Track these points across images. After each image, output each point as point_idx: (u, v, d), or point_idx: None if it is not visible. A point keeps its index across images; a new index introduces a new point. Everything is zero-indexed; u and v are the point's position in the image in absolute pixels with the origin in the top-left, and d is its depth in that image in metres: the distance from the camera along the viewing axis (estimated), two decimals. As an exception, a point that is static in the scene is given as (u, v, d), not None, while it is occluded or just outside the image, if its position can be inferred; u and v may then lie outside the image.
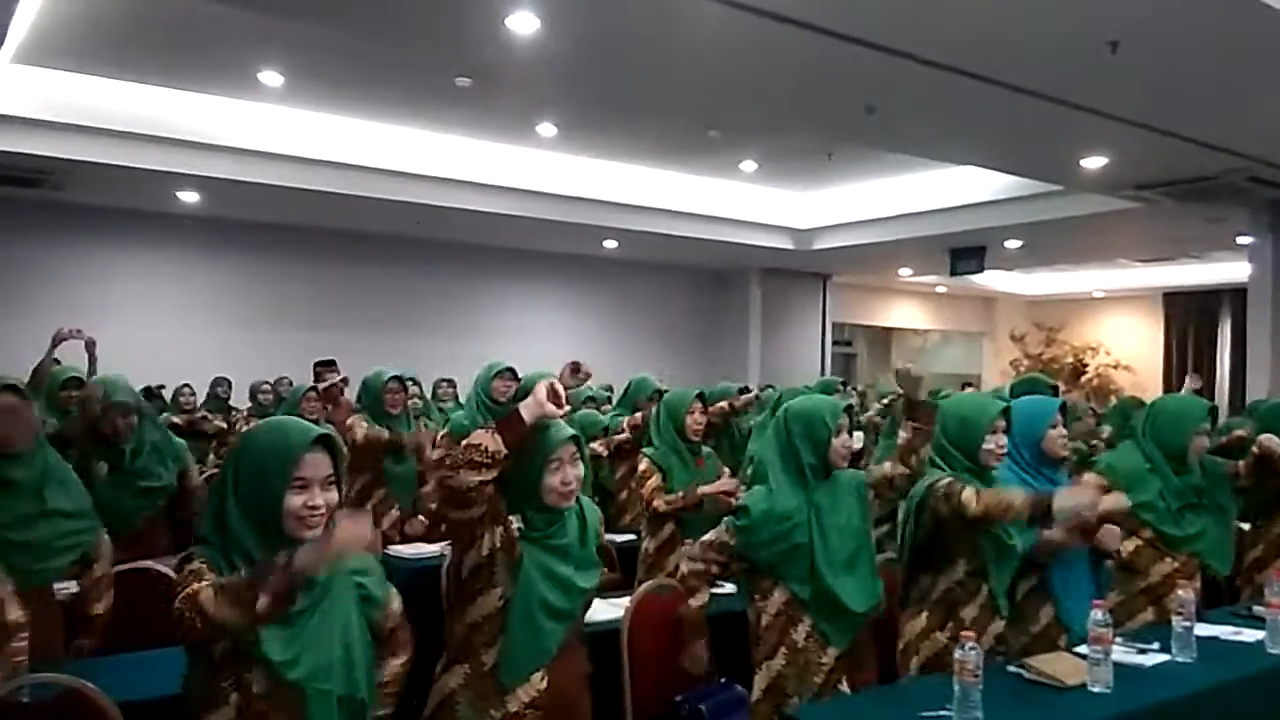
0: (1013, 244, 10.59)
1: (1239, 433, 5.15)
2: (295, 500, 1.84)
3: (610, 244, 11.36)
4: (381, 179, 8.47)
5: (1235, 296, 12.63)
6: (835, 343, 15.96)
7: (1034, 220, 9.27)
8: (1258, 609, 3.31)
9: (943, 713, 2.29)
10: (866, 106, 5.55)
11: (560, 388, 2.18)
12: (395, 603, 2.11)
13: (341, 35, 5.67)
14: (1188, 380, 7.59)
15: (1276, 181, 7.14)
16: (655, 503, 4.01)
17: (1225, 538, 3.45)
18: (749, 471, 3.80)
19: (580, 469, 2.29)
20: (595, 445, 5.03)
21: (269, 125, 7.91)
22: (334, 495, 1.90)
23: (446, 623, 2.30)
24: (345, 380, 5.70)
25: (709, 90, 5.94)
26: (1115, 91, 5.42)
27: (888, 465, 3.03)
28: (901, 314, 16.58)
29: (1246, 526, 4.20)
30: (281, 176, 8.14)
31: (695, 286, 13.66)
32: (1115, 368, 14.97)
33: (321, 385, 5.64)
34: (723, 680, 3.06)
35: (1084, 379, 14.91)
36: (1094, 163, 6.85)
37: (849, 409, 2.81)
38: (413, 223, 9.92)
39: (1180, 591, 2.93)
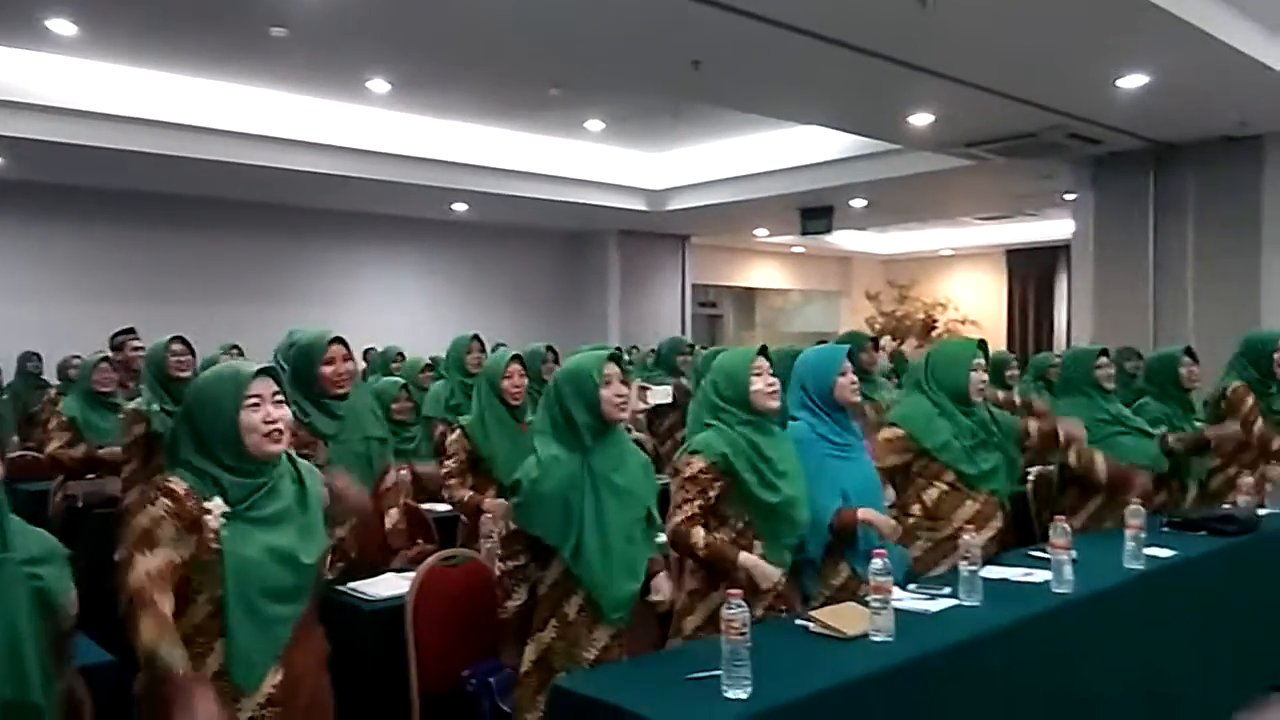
0: (858, 203, 10.78)
1: (1038, 404, 5.43)
2: (253, 417, 1.99)
3: (460, 207, 11.06)
4: (198, 137, 7.95)
5: (1069, 252, 13.23)
6: (701, 304, 16.09)
7: (876, 179, 9.45)
8: (1033, 552, 3.41)
9: (713, 673, 2.22)
10: (693, 61, 5.45)
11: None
12: (73, 600, 1.86)
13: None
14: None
15: (1094, 138, 7.42)
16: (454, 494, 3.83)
17: (1011, 478, 3.54)
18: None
19: (286, 412, 2.07)
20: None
21: (65, 79, 7.28)
22: (285, 411, 2.06)
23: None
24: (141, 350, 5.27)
25: (542, 45, 5.75)
26: (935, 48, 5.48)
27: None
28: (762, 274, 16.80)
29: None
30: (87, 135, 7.53)
31: (553, 250, 13.47)
32: (963, 323, 15.53)
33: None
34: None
35: (934, 334, 15.43)
36: (921, 119, 6.96)
37: (615, 358, 2.70)
38: (248, 186, 9.40)
39: (966, 535, 2.96)
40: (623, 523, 2.58)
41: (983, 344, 3.57)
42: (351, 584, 3.20)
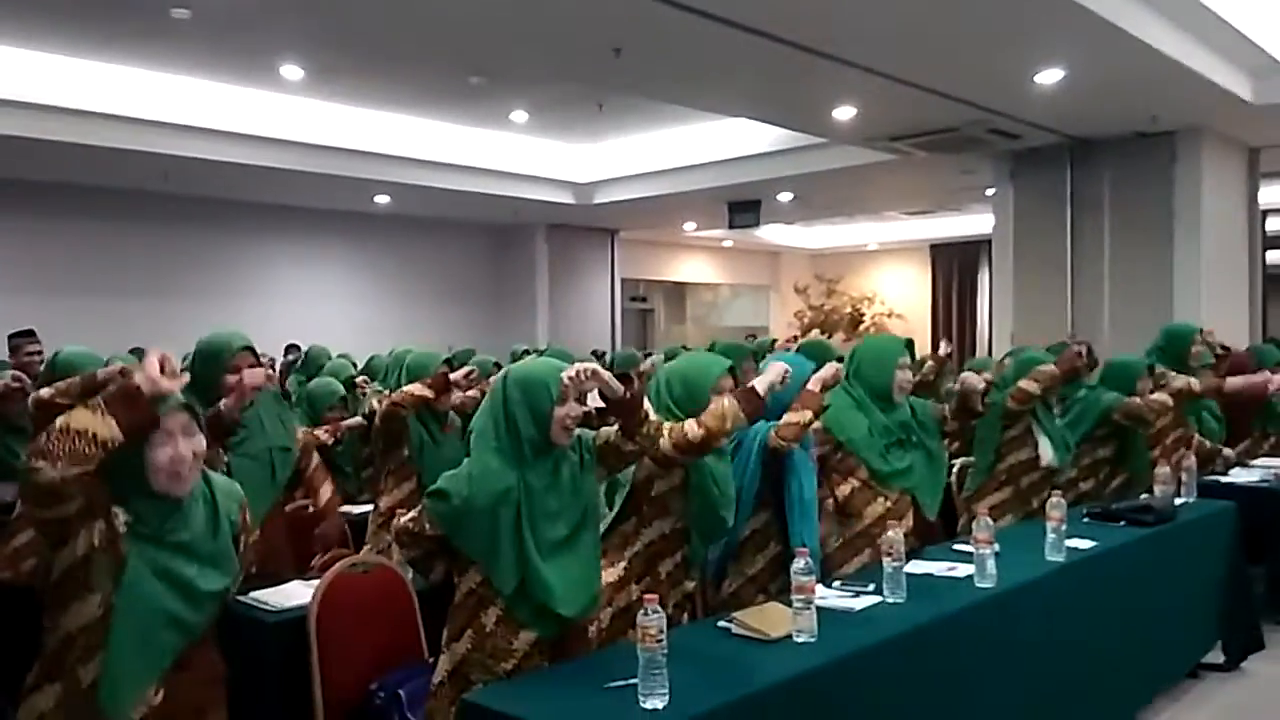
0: (785, 196, 10.81)
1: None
2: (161, 455, 1.87)
3: (383, 199, 10.79)
4: (99, 124, 7.59)
5: (991, 247, 13.47)
6: (631, 299, 16.02)
7: (802, 172, 9.47)
8: (957, 546, 3.40)
9: (630, 682, 2.12)
10: (613, 49, 5.35)
11: (173, 360, 1.83)
12: None
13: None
14: (941, 345, 8.08)
15: (1013, 133, 7.51)
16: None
17: (935, 478, 3.51)
18: None
19: (199, 443, 1.94)
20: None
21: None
22: (198, 442, 1.95)
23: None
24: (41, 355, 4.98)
25: (460, 31, 5.58)
26: (855, 40, 5.46)
27: None
28: (692, 269, 16.79)
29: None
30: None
31: (480, 244, 13.26)
32: (889, 316, 15.74)
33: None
34: (431, 661, 2.81)
35: (861, 327, 15.60)
36: (845, 113, 6.96)
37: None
38: (156, 176, 9.00)
39: (890, 532, 2.91)
40: (556, 540, 2.41)
41: (910, 343, 3.54)
42: (254, 594, 3.03)
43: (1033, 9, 5.02)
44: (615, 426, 2.57)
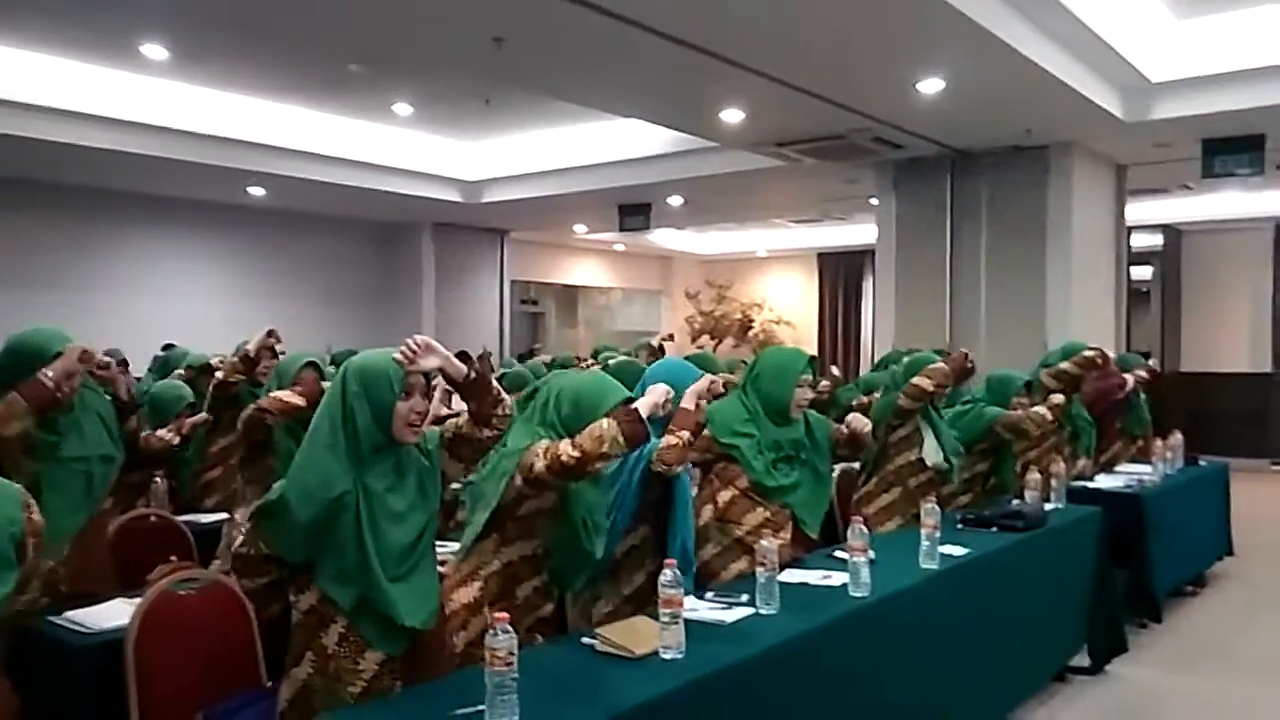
0: (675, 200, 10.76)
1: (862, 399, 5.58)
2: None
3: (257, 191, 10.27)
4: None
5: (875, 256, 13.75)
6: (522, 301, 15.75)
7: (691, 176, 9.40)
8: (835, 553, 3.34)
9: (479, 708, 1.95)
10: (494, 38, 5.15)
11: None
12: None
13: None
14: (832, 370, 8.24)
15: (896, 142, 7.60)
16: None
17: (820, 496, 3.46)
18: None
19: None
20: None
21: None
22: None
23: None
24: None
25: (334, 11, 5.28)
26: (740, 40, 5.39)
27: None
28: (583, 272, 16.63)
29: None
30: None
31: (364, 242, 12.80)
32: (778, 323, 15.88)
33: None
34: (269, 685, 2.57)
35: (750, 334, 15.71)
36: (732, 115, 6.91)
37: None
38: (9, 160, 8.34)
39: (764, 541, 2.82)
40: (402, 546, 2.21)
41: (812, 360, 3.48)
42: (68, 614, 2.73)
43: (914, 16, 5.05)
44: (464, 415, 2.39)
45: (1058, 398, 4.65)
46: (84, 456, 2.93)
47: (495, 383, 2.38)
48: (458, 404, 2.44)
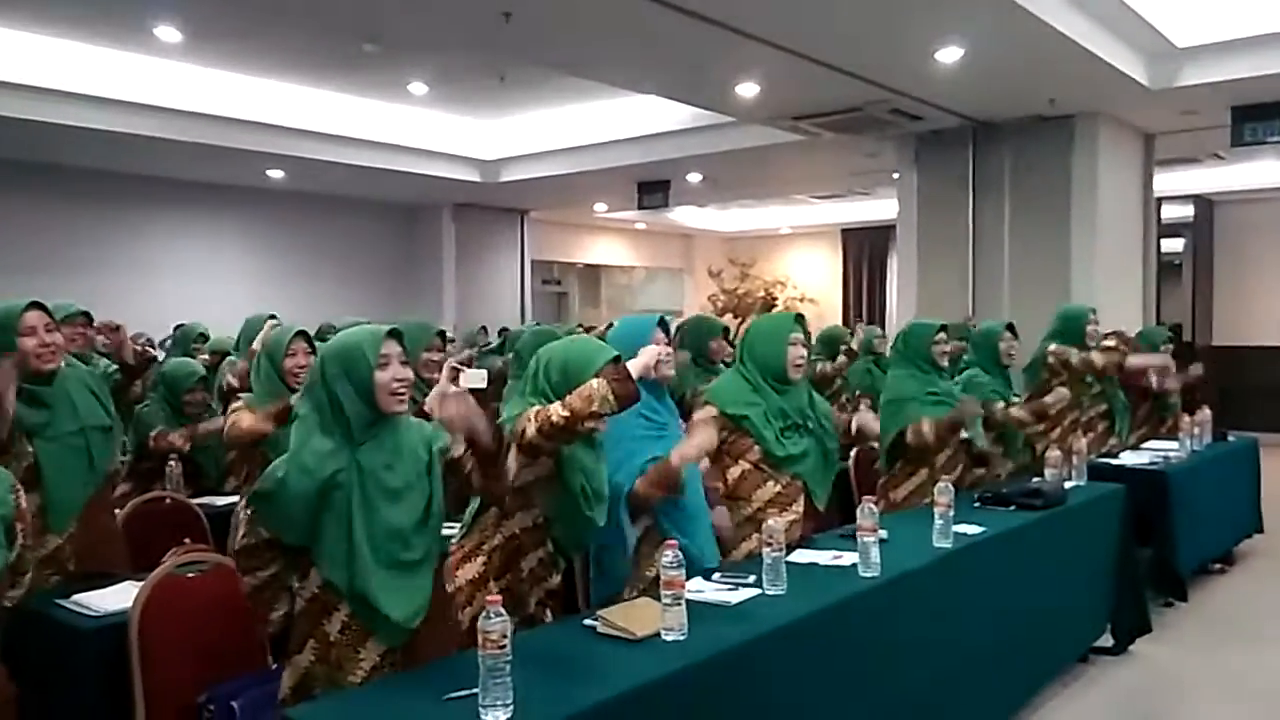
0: (694, 177, 10.65)
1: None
2: None
3: (276, 173, 10.29)
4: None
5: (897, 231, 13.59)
6: (545, 281, 15.74)
7: (710, 152, 9.31)
8: (845, 533, 3.29)
9: (473, 691, 1.92)
10: (503, 13, 5.09)
11: None
12: None
13: None
14: (861, 329, 8.15)
15: (916, 114, 7.46)
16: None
17: (827, 471, 3.40)
18: None
19: None
20: None
21: None
22: None
23: None
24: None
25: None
26: (758, 13, 5.29)
27: None
28: (605, 251, 16.58)
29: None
30: None
31: (383, 223, 12.81)
32: (801, 300, 15.75)
33: None
34: (275, 667, 2.56)
35: (774, 312, 15.59)
36: (748, 89, 6.80)
37: (396, 334, 2.32)
38: (26, 144, 8.39)
39: (771, 521, 2.77)
40: (397, 529, 2.19)
41: (800, 318, 3.41)
42: (76, 596, 2.74)
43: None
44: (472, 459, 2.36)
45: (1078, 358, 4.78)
46: (79, 429, 2.92)
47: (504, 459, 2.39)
48: (465, 381, 2.39)
